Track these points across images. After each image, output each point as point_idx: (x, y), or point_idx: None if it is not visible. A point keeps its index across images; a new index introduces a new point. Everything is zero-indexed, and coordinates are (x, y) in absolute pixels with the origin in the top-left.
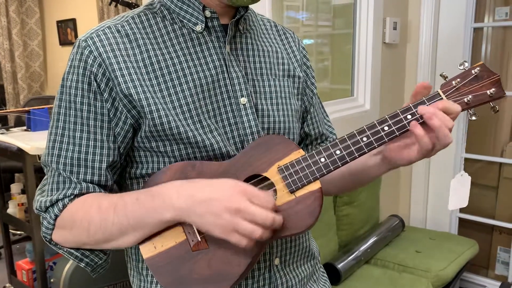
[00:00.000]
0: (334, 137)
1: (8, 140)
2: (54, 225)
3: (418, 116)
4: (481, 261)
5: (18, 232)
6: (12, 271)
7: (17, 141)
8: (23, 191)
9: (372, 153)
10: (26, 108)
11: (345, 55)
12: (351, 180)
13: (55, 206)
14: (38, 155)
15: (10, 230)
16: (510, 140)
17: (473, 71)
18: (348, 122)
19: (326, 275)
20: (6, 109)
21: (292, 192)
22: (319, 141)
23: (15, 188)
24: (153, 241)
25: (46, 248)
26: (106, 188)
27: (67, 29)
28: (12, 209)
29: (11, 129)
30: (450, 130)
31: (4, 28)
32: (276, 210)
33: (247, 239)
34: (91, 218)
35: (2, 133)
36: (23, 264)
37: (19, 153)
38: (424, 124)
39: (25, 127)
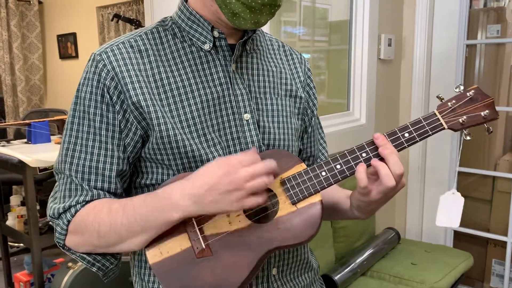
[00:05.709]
0: (323, 158)
1: (9, 152)
2: (67, 230)
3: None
4: (476, 273)
5: (16, 244)
6: (10, 283)
7: (18, 153)
8: (22, 203)
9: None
10: (27, 121)
11: (341, 70)
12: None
13: (67, 212)
14: (38, 168)
15: (9, 242)
16: (504, 154)
17: (468, 94)
18: (344, 136)
19: None
20: (5, 122)
21: (294, 203)
22: (307, 162)
23: (14, 200)
24: (159, 247)
25: (44, 260)
26: (115, 195)
27: (67, 43)
28: (11, 221)
29: (11, 141)
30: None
31: (5, 42)
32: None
33: (261, 195)
34: (101, 219)
35: (3, 146)
36: (21, 276)
37: (20, 166)
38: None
39: (25, 140)
